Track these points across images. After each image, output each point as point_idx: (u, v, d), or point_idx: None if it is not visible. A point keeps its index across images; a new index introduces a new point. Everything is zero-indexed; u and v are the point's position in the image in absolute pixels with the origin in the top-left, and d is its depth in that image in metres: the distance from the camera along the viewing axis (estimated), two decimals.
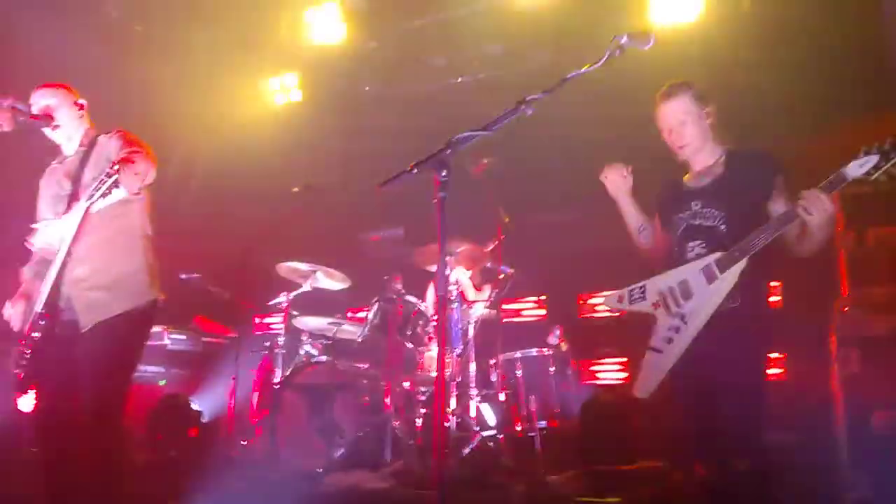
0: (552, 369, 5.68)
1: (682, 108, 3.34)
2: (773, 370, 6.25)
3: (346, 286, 6.23)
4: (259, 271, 6.90)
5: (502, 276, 5.67)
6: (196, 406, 6.41)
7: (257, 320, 8.74)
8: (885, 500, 4.06)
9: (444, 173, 2.45)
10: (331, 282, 6.14)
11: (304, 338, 6.30)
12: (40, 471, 3.57)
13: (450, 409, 5.39)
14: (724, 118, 3.45)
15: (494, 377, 5.54)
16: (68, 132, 3.82)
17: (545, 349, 5.77)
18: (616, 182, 3.53)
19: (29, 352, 3.52)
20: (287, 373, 5.96)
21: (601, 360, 6.95)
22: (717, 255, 3.12)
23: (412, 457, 5.05)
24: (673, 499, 4.06)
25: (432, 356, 5.64)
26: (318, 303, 6.36)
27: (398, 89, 7.44)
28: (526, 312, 7.76)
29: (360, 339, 5.60)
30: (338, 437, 5.33)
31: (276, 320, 7.39)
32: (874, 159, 2.75)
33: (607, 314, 6.98)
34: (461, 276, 6.08)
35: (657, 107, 3.42)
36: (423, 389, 5.80)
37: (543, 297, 7.41)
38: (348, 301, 7.25)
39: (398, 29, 6.71)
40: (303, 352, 6.24)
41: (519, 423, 5.56)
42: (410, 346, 5.46)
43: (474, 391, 5.59)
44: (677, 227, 3.38)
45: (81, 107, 3.89)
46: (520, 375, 5.69)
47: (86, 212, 3.43)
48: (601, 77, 2.70)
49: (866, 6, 5.48)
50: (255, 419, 6.19)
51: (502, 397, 5.54)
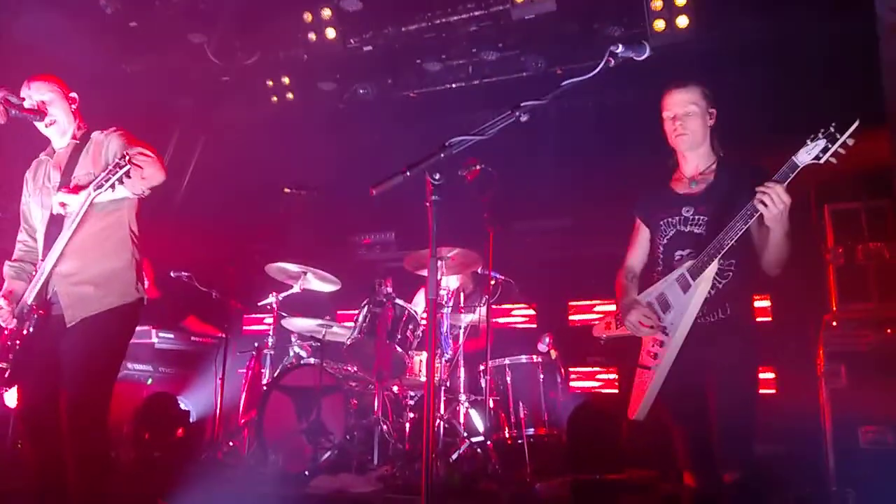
0: (541, 376, 5.68)
1: (691, 99, 3.29)
2: (763, 385, 6.27)
3: (336, 288, 6.22)
4: (249, 271, 6.89)
5: (493, 282, 5.67)
6: (184, 405, 6.38)
7: (246, 320, 8.72)
8: None
9: (436, 177, 2.44)
10: (321, 283, 6.13)
11: (293, 339, 6.30)
12: (28, 466, 3.55)
13: (438, 415, 5.38)
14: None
15: (483, 383, 5.53)
16: (62, 126, 3.79)
17: (535, 356, 5.76)
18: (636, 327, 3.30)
19: (18, 345, 3.51)
20: (275, 374, 5.95)
21: (591, 368, 6.96)
22: (689, 263, 3.12)
23: (399, 461, 5.04)
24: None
25: (421, 360, 5.63)
26: (308, 304, 6.35)
27: (392, 93, 7.43)
28: (516, 319, 7.76)
29: (349, 342, 5.59)
30: (325, 439, 5.31)
31: (265, 321, 7.37)
32: (821, 143, 2.78)
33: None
34: (451, 282, 6.07)
35: (667, 94, 3.35)
36: (412, 394, 5.79)
37: (534, 305, 7.40)
38: (338, 303, 7.25)
39: (393, 32, 6.69)
40: (291, 353, 6.24)
41: (507, 429, 5.56)
42: (399, 349, 5.45)
43: (463, 397, 5.59)
44: (664, 233, 3.32)
45: (74, 101, 3.86)
46: (509, 382, 5.69)
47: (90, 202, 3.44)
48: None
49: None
50: (243, 420, 6.18)
51: (491, 404, 5.53)
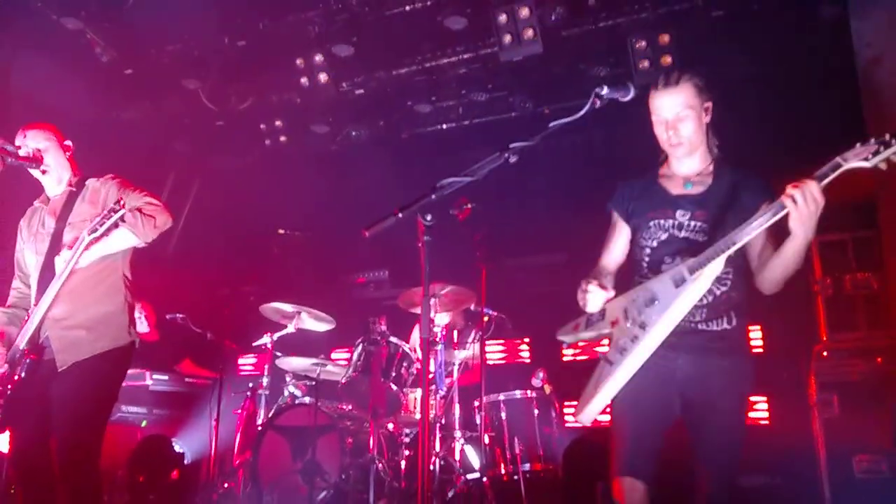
0: (536, 412, 5.69)
1: (684, 101, 2.94)
2: (755, 413, 6.29)
3: (330, 327, 6.24)
4: (244, 312, 6.91)
5: (486, 318, 5.70)
6: (178, 447, 6.36)
7: (241, 361, 8.71)
8: None
9: (428, 218, 2.50)
10: (315, 323, 6.15)
11: (288, 379, 6.29)
12: None
13: (434, 452, 5.38)
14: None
15: (478, 419, 5.54)
16: (57, 174, 3.82)
17: (529, 391, 5.77)
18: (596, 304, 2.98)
19: (9, 390, 3.49)
20: (270, 414, 5.94)
21: None
22: (689, 260, 2.79)
23: (396, 499, 5.02)
24: None
25: (416, 398, 5.64)
26: (303, 344, 6.36)
27: (384, 135, 7.54)
28: (510, 355, 7.78)
29: (343, 381, 5.59)
30: (321, 479, 5.28)
31: (259, 361, 7.38)
32: (872, 147, 2.48)
33: (585, 357, 7.01)
34: (441, 319, 6.10)
35: (655, 94, 3.00)
36: (407, 431, 5.79)
37: (527, 340, 7.42)
38: (332, 342, 7.26)
39: (384, 76, 6.81)
40: (286, 393, 6.23)
41: (503, 465, 5.55)
42: (394, 387, 5.46)
43: (458, 433, 5.59)
44: (653, 235, 3.00)
45: (69, 148, 3.90)
46: (504, 418, 5.69)
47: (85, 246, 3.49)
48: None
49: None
50: (238, 461, 6.15)
51: (486, 440, 5.53)
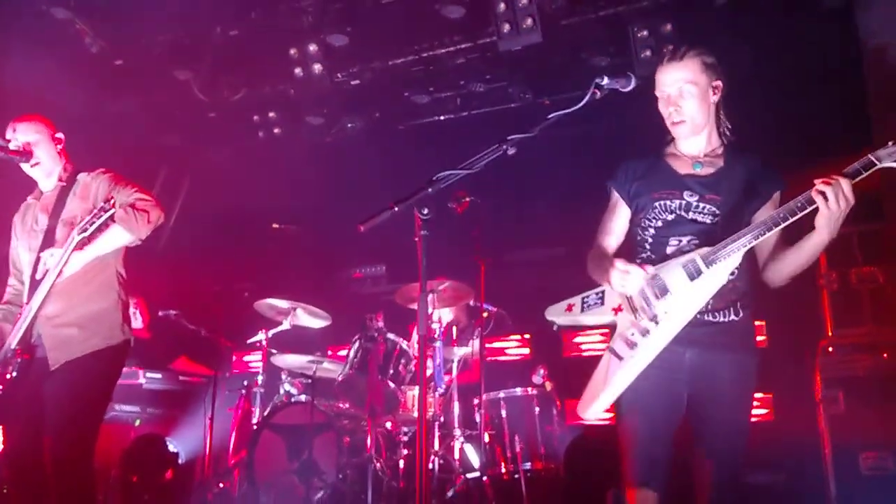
0: (537, 409, 5.61)
1: (687, 76, 2.82)
2: (760, 410, 6.24)
3: (326, 324, 6.16)
4: (238, 309, 6.83)
5: (485, 314, 5.62)
6: (172, 447, 6.28)
7: (235, 358, 8.63)
8: None
9: (425, 212, 2.43)
10: (311, 319, 6.07)
11: (284, 376, 6.21)
12: None
13: (433, 451, 5.30)
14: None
15: (478, 417, 5.46)
16: (47, 168, 3.79)
17: (530, 389, 5.70)
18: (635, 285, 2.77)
19: (1, 389, 3.45)
20: (265, 412, 5.87)
21: None
22: (704, 249, 2.68)
23: (394, 499, 4.95)
24: None
25: (415, 395, 5.56)
26: (298, 341, 6.28)
27: (380, 126, 7.45)
28: (510, 351, 7.70)
29: (340, 378, 5.52)
30: (317, 479, 5.21)
31: (254, 358, 7.30)
32: None
33: (592, 353, 6.93)
34: (444, 315, 6.02)
35: (659, 69, 2.89)
36: (406, 430, 5.71)
37: (528, 336, 7.34)
38: (329, 339, 7.18)
39: (380, 66, 6.71)
40: (282, 391, 6.15)
41: (504, 464, 5.48)
42: (392, 385, 5.38)
43: (458, 432, 5.51)
44: (658, 215, 2.86)
45: (60, 141, 3.86)
46: (504, 416, 5.62)
47: (75, 245, 3.43)
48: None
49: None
50: (233, 460, 6.08)
51: (486, 438, 5.45)
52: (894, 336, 4.57)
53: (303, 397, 5.78)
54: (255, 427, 5.82)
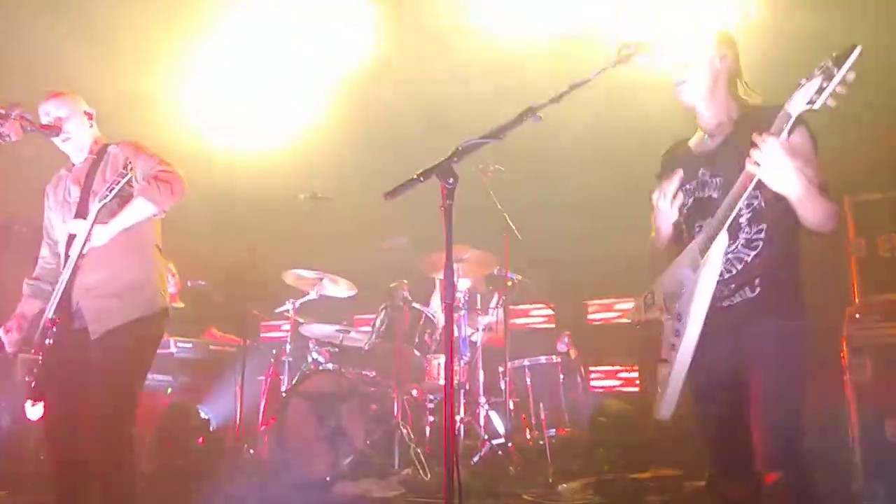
0: (561, 377, 5.65)
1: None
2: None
3: (352, 293, 6.22)
4: (266, 279, 6.90)
5: (510, 283, 5.65)
6: (204, 414, 6.40)
7: (263, 328, 8.74)
8: None
9: (450, 181, 2.43)
10: (337, 289, 6.14)
11: (311, 345, 6.30)
12: (50, 479, 3.56)
13: (458, 417, 5.37)
14: None
15: (503, 385, 5.51)
16: (78, 142, 3.82)
17: (554, 356, 5.74)
18: None
19: (41, 358, 3.52)
20: (294, 380, 5.96)
21: (611, 367, 6.93)
22: (698, 238, 2.65)
23: (421, 465, 5.02)
24: None
25: (440, 363, 5.62)
26: (325, 310, 6.35)
27: (406, 96, 7.41)
28: (534, 320, 7.73)
29: (366, 347, 5.59)
30: (346, 445, 5.30)
31: (283, 328, 7.40)
32: (817, 83, 2.24)
33: (616, 322, 6.95)
34: (464, 284, 6.06)
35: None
36: (431, 397, 5.78)
37: (552, 305, 7.36)
38: (355, 308, 7.25)
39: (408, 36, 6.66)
40: (310, 359, 6.24)
41: (528, 431, 5.54)
42: (418, 353, 5.44)
43: (483, 399, 5.57)
44: (685, 203, 2.82)
45: (90, 116, 3.89)
46: (529, 383, 5.66)
47: (97, 214, 3.48)
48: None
49: None
50: (263, 427, 6.19)
51: (511, 405, 5.51)
52: None
53: (330, 365, 5.86)
54: (284, 395, 5.92)
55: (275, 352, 6.58)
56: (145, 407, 5.86)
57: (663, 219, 2.88)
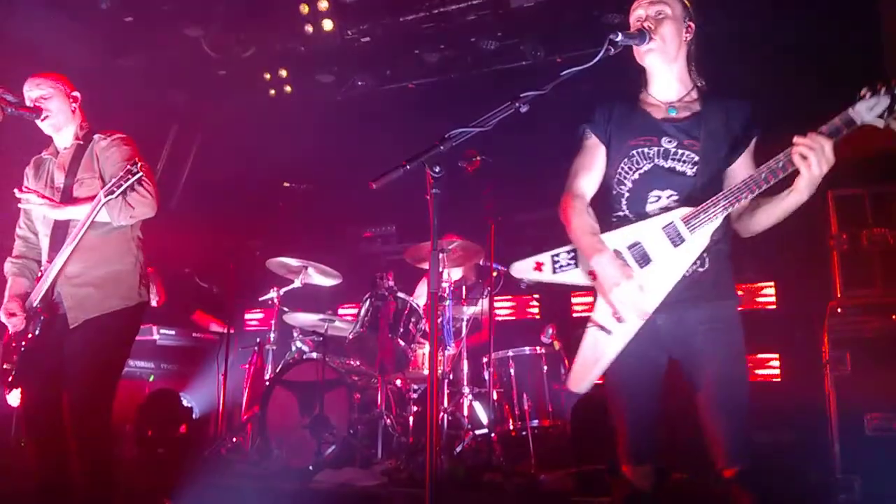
0: (545, 368, 5.66)
1: (665, 2, 2.74)
2: (767, 370, 6.27)
3: (337, 282, 6.20)
4: (249, 266, 6.87)
5: (495, 273, 5.64)
6: (186, 402, 6.37)
7: (248, 316, 8.71)
8: (876, 502, 4.05)
9: (436, 170, 2.41)
10: (322, 278, 6.12)
11: (295, 334, 6.29)
12: (31, 465, 3.55)
13: (442, 407, 5.37)
14: None
15: (487, 375, 5.52)
16: (58, 123, 3.77)
17: (538, 348, 5.74)
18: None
19: (23, 346, 3.52)
20: (277, 369, 5.94)
21: None
22: (684, 211, 2.57)
23: (403, 455, 5.03)
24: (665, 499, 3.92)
25: (424, 353, 5.61)
26: (310, 299, 6.33)
27: (391, 84, 7.39)
28: (519, 311, 7.74)
29: (351, 336, 5.57)
30: (328, 434, 5.30)
31: (266, 316, 7.37)
32: (885, 101, 2.24)
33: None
34: (453, 274, 6.05)
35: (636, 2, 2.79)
36: (415, 387, 5.78)
37: (537, 296, 7.37)
38: (340, 298, 7.24)
39: (391, 23, 6.63)
40: (294, 348, 6.23)
41: (511, 421, 5.54)
42: (402, 343, 5.43)
43: (466, 389, 5.57)
44: (636, 165, 2.72)
45: (76, 99, 3.84)
46: (512, 374, 5.67)
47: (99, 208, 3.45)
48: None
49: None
50: (246, 416, 6.17)
51: (495, 396, 5.51)
52: None
53: (314, 354, 5.85)
54: (267, 383, 5.91)
55: (258, 340, 6.56)
56: (127, 394, 5.89)
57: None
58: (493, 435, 5.21)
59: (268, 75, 7.45)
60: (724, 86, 2.82)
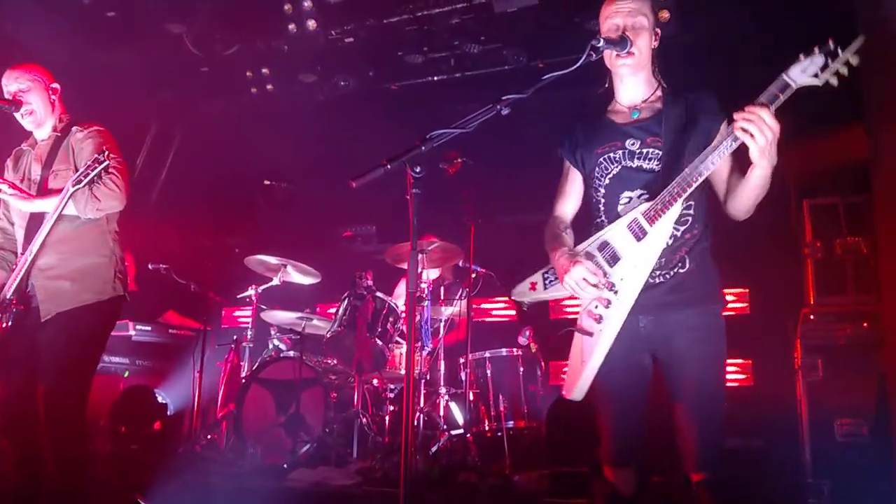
0: (521, 370, 5.70)
1: (642, 8, 2.76)
2: (740, 375, 6.34)
3: (316, 281, 6.20)
4: (228, 264, 6.84)
5: (474, 275, 5.67)
6: (161, 398, 6.34)
7: (225, 313, 8.67)
8: None
9: (417, 170, 2.43)
10: (301, 276, 6.12)
11: (273, 332, 6.28)
12: (4, 459, 3.53)
13: (418, 408, 5.38)
14: None
15: (464, 376, 5.54)
16: (39, 117, 3.76)
17: (515, 349, 5.77)
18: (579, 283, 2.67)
19: None
20: (254, 367, 5.93)
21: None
22: (645, 205, 2.60)
23: (379, 454, 5.03)
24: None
25: (402, 353, 5.63)
26: (288, 297, 6.32)
27: (373, 85, 7.39)
28: (496, 312, 7.77)
29: (329, 335, 5.57)
30: (304, 432, 5.30)
31: (244, 314, 7.35)
32: (819, 60, 2.27)
33: (573, 316, 6.99)
34: (430, 274, 6.07)
35: (608, 3, 2.82)
36: (392, 387, 5.80)
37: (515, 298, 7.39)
38: (318, 296, 7.23)
39: (374, 24, 6.64)
40: (271, 346, 6.22)
41: (487, 422, 5.57)
42: (380, 343, 5.44)
43: (443, 390, 5.59)
44: (605, 170, 2.78)
45: (55, 91, 3.82)
46: (489, 375, 5.70)
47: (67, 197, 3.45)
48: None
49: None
50: (221, 413, 6.15)
51: (471, 396, 5.54)
52: (875, 306, 4.61)
53: (291, 353, 5.85)
54: (243, 381, 5.89)
55: (235, 338, 6.55)
56: (101, 389, 5.83)
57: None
58: (468, 435, 5.24)
59: (250, 73, 7.41)
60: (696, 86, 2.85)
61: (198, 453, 5.67)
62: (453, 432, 5.33)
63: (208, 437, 5.92)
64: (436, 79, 7.20)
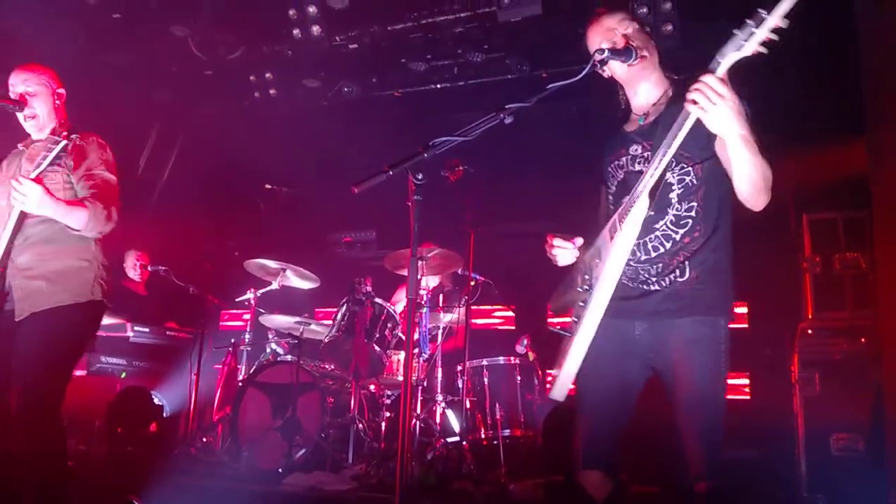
0: (519, 378, 5.69)
1: (626, 15, 2.79)
2: (737, 389, 6.34)
3: (315, 286, 6.20)
4: (227, 267, 6.85)
5: (473, 283, 5.67)
6: (158, 400, 6.33)
7: (223, 316, 8.67)
8: None
9: (419, 177, 2.44)
10: (300, 281, 6.12)
11: (271, 336, 6.28)
12: None
13: (415, 414, 5.38)
14: None
15: (461, 384, 5.54)
16: (41, 122, 3.72)
17: (512, 358, 5.77)
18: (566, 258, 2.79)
19: None
20: (251, 370, 5.92)
21: None
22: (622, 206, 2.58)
23: (374, 460, 5.03)
24: None
25: (399, 360, 5.63)
26: (287, 301, 6.32)
27: (377, 92, 7.42)
28: (494, 321, 7.78)
29: (326, 340, 5.57)
30: (300, 437, 5.29)
31: (242, 317, 7.35)
32: (747, 31, 2.17)
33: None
34: (430, 281, 6.08)
35: (594, 23, 2.84)
36: (389, 393, 5.79)
37: (513, 306, 7.40)
38: (317, 301, 7.23)
39: (379, 31, 6.66)
40: (268, 350, 6.22)
41: (483, 430, 5.56)
42: (377, 349, 5.44)
43: (440, 397, 5.59)
44: (614, 177, 2.79)
45: (60, 97, 3.79)
46: (486, 383, 5.70)
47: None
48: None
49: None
50: (217, 416, 6.14)
51: (468, 404, 5.53)
52: (873, 321, 4.62)
53: (289, 357, 5.84)
54: (240, 384, 5.89)
55: (233, 341, 6.54)
56: (98, 390, 5.85)
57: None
58: (464, 443, 5.23)
59: (253, 78, 7.44)
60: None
61: (193, 456, 5.67)
62: (449, 440, 5.32)
63: (204, 439, 5.92)
64: (439, 86, 7.21)
